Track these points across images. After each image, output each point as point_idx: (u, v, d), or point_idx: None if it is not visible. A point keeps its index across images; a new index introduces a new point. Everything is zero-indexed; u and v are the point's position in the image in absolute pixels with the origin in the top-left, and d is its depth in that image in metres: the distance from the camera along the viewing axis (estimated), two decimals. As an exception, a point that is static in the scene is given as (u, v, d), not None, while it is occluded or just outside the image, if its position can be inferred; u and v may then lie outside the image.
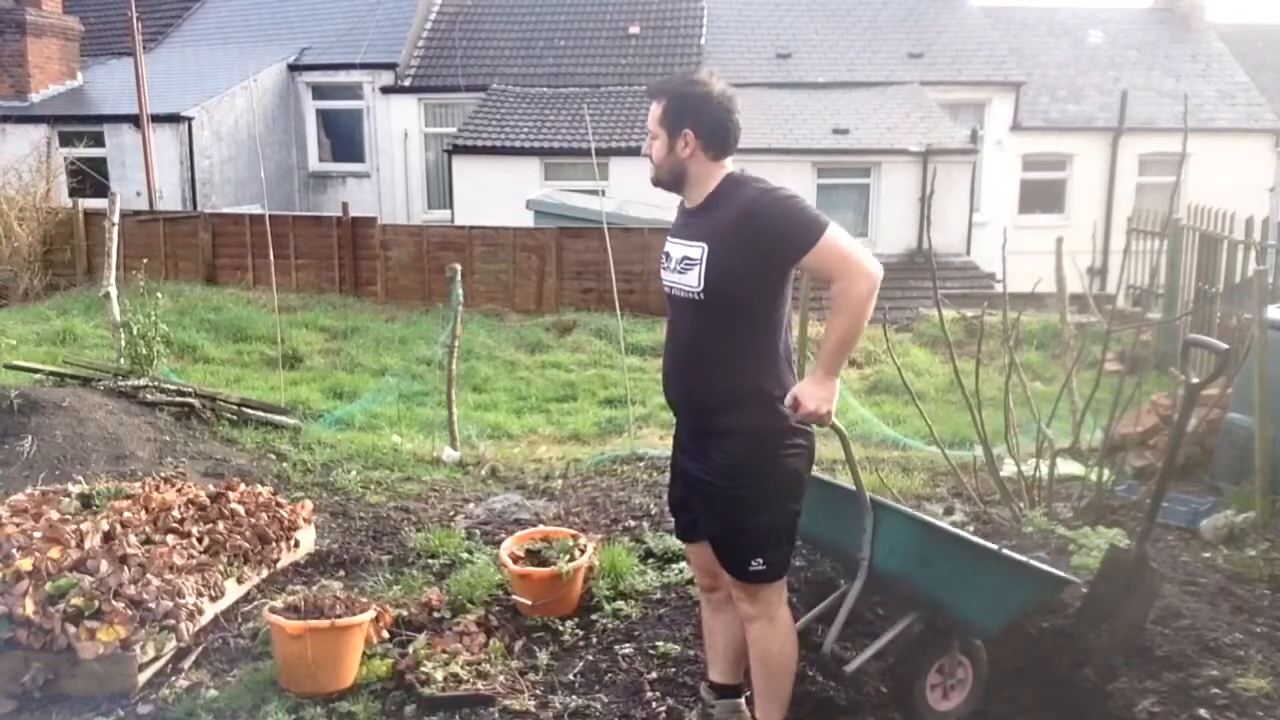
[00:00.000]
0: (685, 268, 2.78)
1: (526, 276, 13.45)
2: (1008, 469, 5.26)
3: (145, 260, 10.72)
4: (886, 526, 3.03)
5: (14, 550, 3.64)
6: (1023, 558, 3.19)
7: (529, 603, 3.98)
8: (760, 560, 2.80)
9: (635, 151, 15.37)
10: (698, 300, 2.76)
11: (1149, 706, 3.07)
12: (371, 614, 3.56)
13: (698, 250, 2.74)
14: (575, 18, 19.90)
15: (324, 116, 19.09)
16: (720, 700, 3.15)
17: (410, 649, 3.56)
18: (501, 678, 3.51)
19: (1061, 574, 3.30)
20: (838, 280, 2.64)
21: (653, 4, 19.98)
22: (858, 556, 3.07)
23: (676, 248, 2.85)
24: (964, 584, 3.08)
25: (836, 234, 2.64)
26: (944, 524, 3.14)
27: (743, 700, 3.13)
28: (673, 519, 3.17)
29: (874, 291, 2.64)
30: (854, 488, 3.08)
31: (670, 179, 2.83)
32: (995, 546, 3.13)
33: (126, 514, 4.19)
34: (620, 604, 4.09)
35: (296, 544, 4.61)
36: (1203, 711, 3.02)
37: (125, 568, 3.65)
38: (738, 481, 2.76)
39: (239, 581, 4.14)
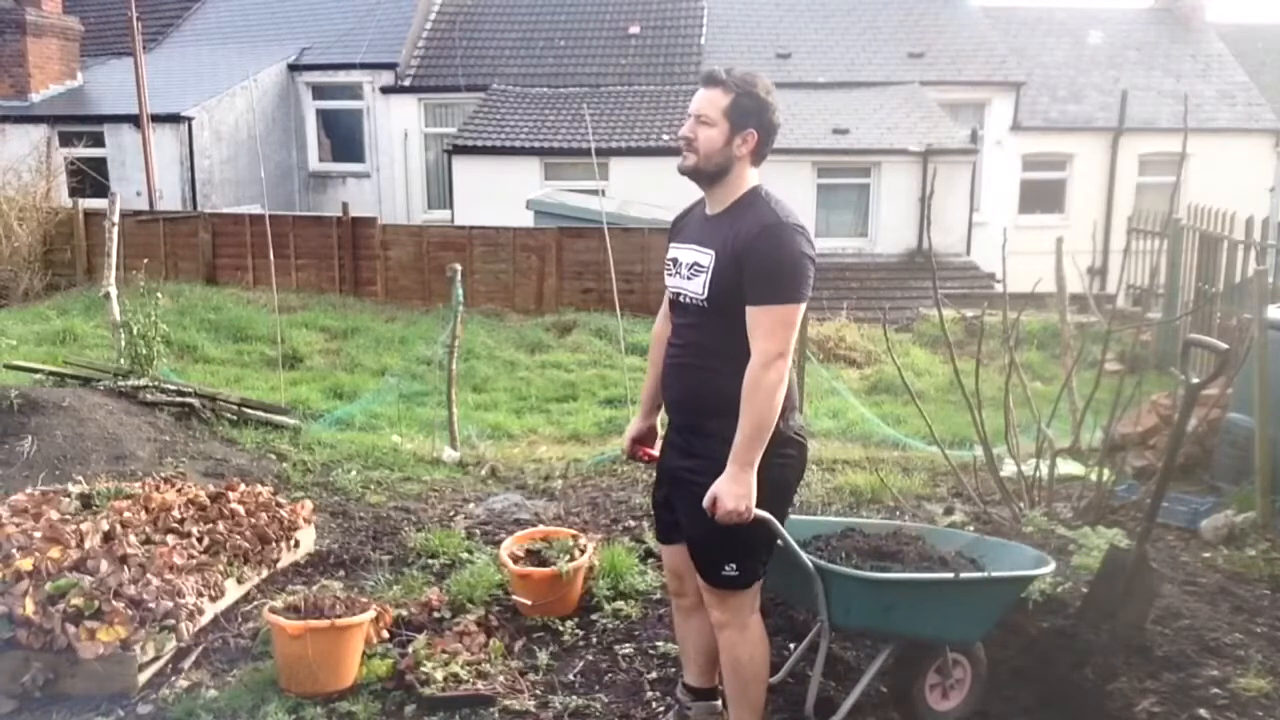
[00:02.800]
0: (693, 274, 2.77)
1: (526, 276, 13.46)
2: (1008, 469, 5.26)
3: (145, 260, 10.71)
4: (836, 588, 2.96)
5: (14, 550, 3.64)
6: (981, 574, 3.14)
7: (529, 603, 3.98)
8: (733, 566, 2.77)
9: (635, 151, 15.37)
10: (701, 307, 2.76)
11: (1149, 706, 3.07)
12: (371, 614, 3.56)
13: (707, 257, 2.74)
14: (575, 18, 19.89)
15: (324, 116, 19.08)
16: (696, 703, 3.15)
17: (410, 649, 3.56)
18: (501, 678, 3.51)
19: (1027, 572, 3.24)
20: (755, 351, 2.62)
21: (653, 4, 19.97)
22: (818, 618, 3.04)
23: (687, 253, 2.82)
24: (932, 616, 3.07)
25: (793, 316, 2.64)
26: (889, 574, 3.02)
27: (719, 702, 3.13)
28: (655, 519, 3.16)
29: (780, 389, 2.62)
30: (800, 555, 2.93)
31: (713, 171, 2.76)
32: (950, 575, 3.07)
33: (126, 514, 4.19)
34: (620, 604, 4.10)
35: (296, 544, 4.61)
36: (1203, 711, 3.02)
37: (125, 568, 3.65)
38: None
39: (239, 581, 4.14)
